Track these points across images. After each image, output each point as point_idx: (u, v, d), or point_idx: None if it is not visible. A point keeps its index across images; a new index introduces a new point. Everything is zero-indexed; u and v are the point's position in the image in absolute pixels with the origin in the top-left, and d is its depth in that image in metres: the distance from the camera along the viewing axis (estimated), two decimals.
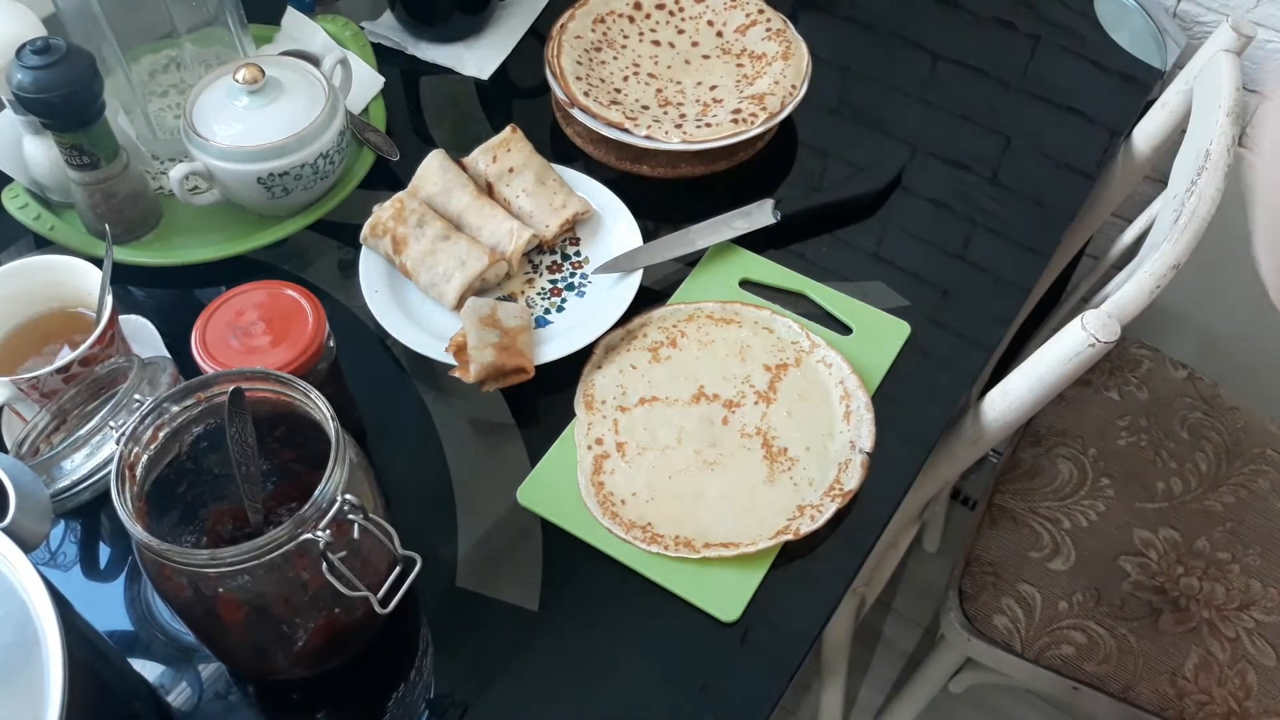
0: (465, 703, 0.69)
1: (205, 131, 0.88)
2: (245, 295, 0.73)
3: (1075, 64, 1.08)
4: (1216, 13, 1.11)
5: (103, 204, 0.87)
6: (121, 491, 0.59)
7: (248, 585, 0.59)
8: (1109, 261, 1.16)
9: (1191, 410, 1.18)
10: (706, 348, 0.85)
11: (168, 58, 1.00)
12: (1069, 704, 1.08)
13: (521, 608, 0.73)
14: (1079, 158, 1.00)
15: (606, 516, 0.75)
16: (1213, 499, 1.11)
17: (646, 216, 0.92)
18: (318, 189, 0.92)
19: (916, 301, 0.89)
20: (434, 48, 1.09)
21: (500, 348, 0.79)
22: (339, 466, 0.59)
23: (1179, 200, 0.86)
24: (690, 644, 0.71)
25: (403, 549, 0.62)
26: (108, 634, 0.72)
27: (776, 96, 0.97)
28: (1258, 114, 1.13)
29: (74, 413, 0.76)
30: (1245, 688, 1.00)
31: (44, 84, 0.78)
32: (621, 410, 0.81)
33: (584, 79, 0.99)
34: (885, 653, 1.52)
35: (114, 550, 0.77)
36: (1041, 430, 1.16)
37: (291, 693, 0.71)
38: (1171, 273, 0.82)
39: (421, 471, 0.80)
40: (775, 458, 0.79)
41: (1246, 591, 1.05)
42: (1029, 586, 1.05)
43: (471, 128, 1.03)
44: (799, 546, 0.75)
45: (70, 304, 0.81)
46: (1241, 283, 1.28)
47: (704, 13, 1.07)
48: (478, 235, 0.89)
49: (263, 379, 0.64)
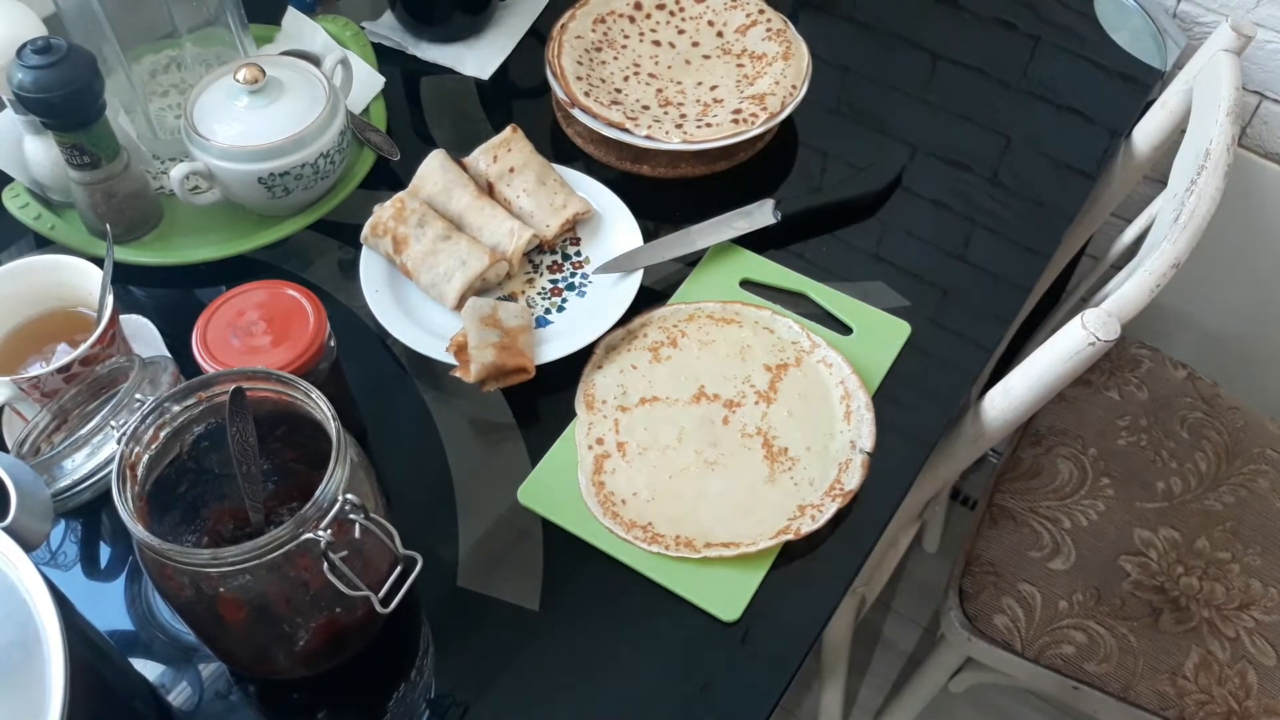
0: (465, 703, 0.69)
1: (206, 131, 0.88)
2: (246, 295, 0.73)
3: (1075, 64, 1.08)
4: (1216, 13, 1.11)
5: (103, 204, 0.87)
6: (122, 491, 0.59)
7: (249, 585, 0.59)
8: (1109, 261, 1.17)
9: (1191, 410, 1.18)
10: (707, 348, 0.85)
11: (168, 58, 1.00)
12: (1069, 704, 1.08)
13: (521, 608, 0.73)
14: (1079, 158, 1.00)
15: (607, 516, 0.75)
16: (1213, 499, 1.11)
17: (647, 216, 0.92)
18: (318, 189, 0.92)
19: (916, 301, 0.89)
20: (434, 48, 1.09)
21: (501, 348, 0.79)
22: (340, 466, 0.59)
23: (1179, 200, 0.86)
24: (690, 644, 0.71)
25: (403, 549, 0.62)
26: (108, 633, 0.72)
27: (777, 96, 0.97)
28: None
29: (75, 412, 0.76)
30: (1245, 687, 1.00)
31: (44, 84, 0.78)
32: (622, 410, 0.81)
33: (584, 79, 0.99)
34: (885, 653, 1.52)
35: (115, 550, 0.77)
36: (1041, 430, 1.16)
37: (292, 693, 0.71)
38: (1171, 272, 0.82)
39: (422, 471, 0.80)
40: (776, 457, 0.79)
41: (1246, 591, 1.05)
42: (1029, 586, 1.05)
43: (472, 128, 1.03)
44: (799, 546, 0.75)
45: (71, 304, 0.81)
46: (1241, 283, 1.29)
47: (704, 13, 1.07)
48: (478, 235, 0.89)
49: (264, 379, 0.64)
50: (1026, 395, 0.82)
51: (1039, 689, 1.08)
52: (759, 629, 0.72)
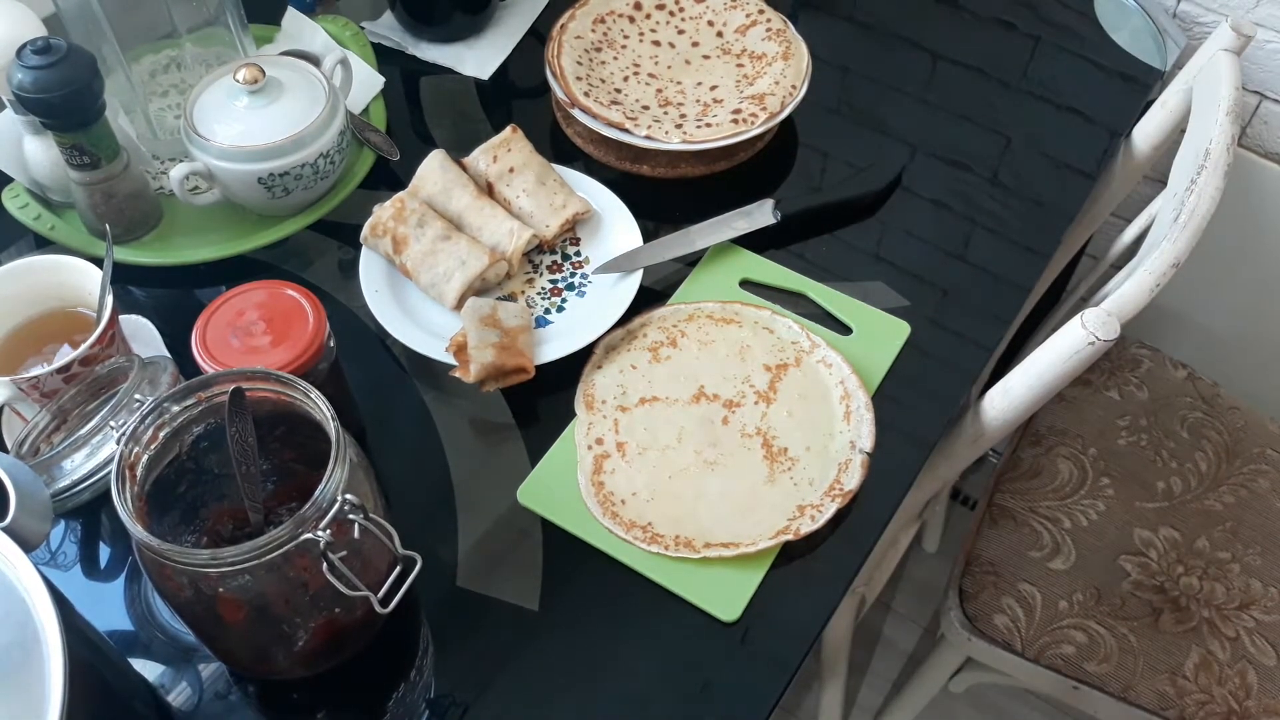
0: (465, 703, 0.69)
1: (206, 131, 0.88)
2: (245, 295, 0.73)
3: (1075, 64, 1.08)
4: (1216, 13, 1.11)
5: (103, 204, 0.87)
6: (122, 491, 0.59)
7: (248, 585, 0.59)
8: (1109, 261, 1.17)
9: (1191, 410, 1.18)
10: (707, 348, 0.85)
11: (168, 58, 1.00)
12: (1069, 704, 1.08)
13: (521, 608, 0.73)
14: (1079, 158, 1.00)
15: (607, 516, 0.75)
16: (1213, 498, 1.11)
17: (646, 216, 0.92)
18: (318, 189, 0.92)
19: (916, 301, 0.89)
20: (434, 48, 1.09)
21: (500, 348, 0.79)
22: (339, 466, 0.59)
23: (1179, 199, 0.86)
24: (690, 644, 0.71)
25: (403, 549, 0.62)
26: (108, 634, 0.72)
27: (776, 96, 0.97)
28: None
29: (74, 412, 0.76)
30: (1245, 687, 1.00)
31: (44, 84, 0.78)
32: (622, 410, 0.81)
33: (584, 79, 0.99)
34: (885, 653, 1.52)
35: (114, 550, 0.77)
36: (1041, 430, 1.16)
37: (291, 693, 0.71)
38: (1171, 271, 0.82)
39: (421, 471, 0.80)
40: (775, 457, 0.79)
41: (1246, 591, 1.05)
42: (1029, 586, 1.05)
43: (471, 128, 1.03)
44: (799, 546, 0.75)
45: (70, 304, 0.81)
46: (1241, 283, 1.29)
47: (704, 13, 1.07)
48: (478, 235, 0.89)
49: (263, 379, 0.64)
50: (1026, 395, 0.82)
51: (1039, 689, 1.08)
52: (759, 629, 0.71)
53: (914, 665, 1.46)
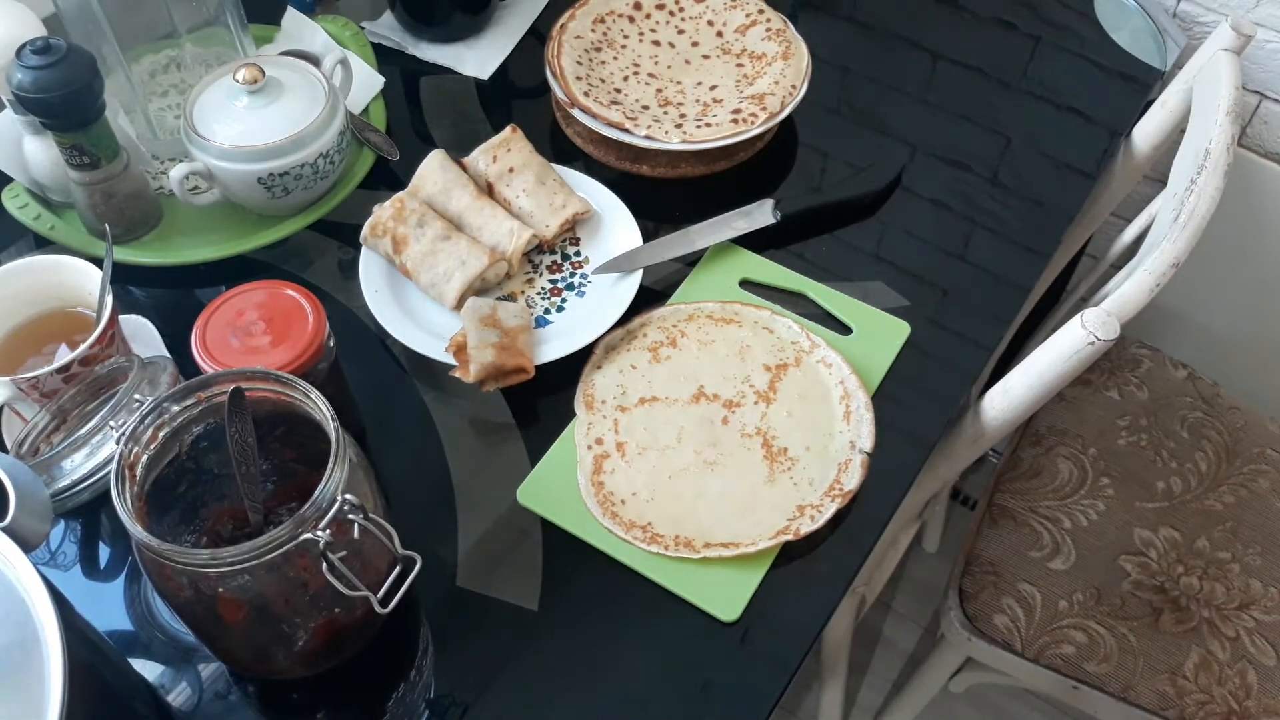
0: (465, 703, 0.69)
1: (205, 131, 0.88)
2: (245, 295, 0.73)
3: (1075, 64, 1.08)
4: (1216, 13, 1.11)
5: (103, 204, 0.87)
6: (121, 491, 0.59)
7: (248, 585, 0.59)
8: (1109, 261, 1.17)
9: (1191, 410, 1.18)
10: (706, 348, 0.85)
11: (168, 58, 1.00)
12: (1069, 704, 1.08)
13: (521, 608, 0.73)
14: (1079, 158, 1.00)
15: (606, 516, 0.75)
16: (1213, 498, 1.11)
17: (646, 216, 0.92)
18: (318, 189, 0.92)
19: (916, 301, 0.89)
20: (434, 48, 1.09)
21: (500, 348, 0.79)
22: (339, 466, 0.59)
23: (1179, 199, 0.86)
24: (690, 644, 0.71)
25: (403, 549, 0.62)
26: (108, 634, 0.72)
27: (776, 96, 0.97)
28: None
29: (74, 412, 0.76)
30: (1245, 687, 1.00)
31: (44, 84, 0.78)
32: (621, 410, 0.81)
33: (584, 79, 0.99)
34: (885, 653, 1.52)
35: (114, 550, 0.77)
36: (1041, 430, 1.16)
37: (291, 693, 0.71)
38: (1171, 271, 0.82)
39: (421, 471, 0.80)
40: (775, 458, 0.79)
41: (1246, 591, 1.05)
42: (1029, 586, 1.05)
43: (471, 128, 1.03)
44: (799, 546, 0.75)
45: (70, 304, 0.81)
46: (1241, 283, 1.29)
47: (704, 13, 1.07)
48: (478, 235, 0.89)
49: (263, 379, 0.64)
50: (1026, 395, 0.82)
51: (1039, 689, 1.08)
52: (758, 629, 0.71)
53: (914, 665, 1.46)
